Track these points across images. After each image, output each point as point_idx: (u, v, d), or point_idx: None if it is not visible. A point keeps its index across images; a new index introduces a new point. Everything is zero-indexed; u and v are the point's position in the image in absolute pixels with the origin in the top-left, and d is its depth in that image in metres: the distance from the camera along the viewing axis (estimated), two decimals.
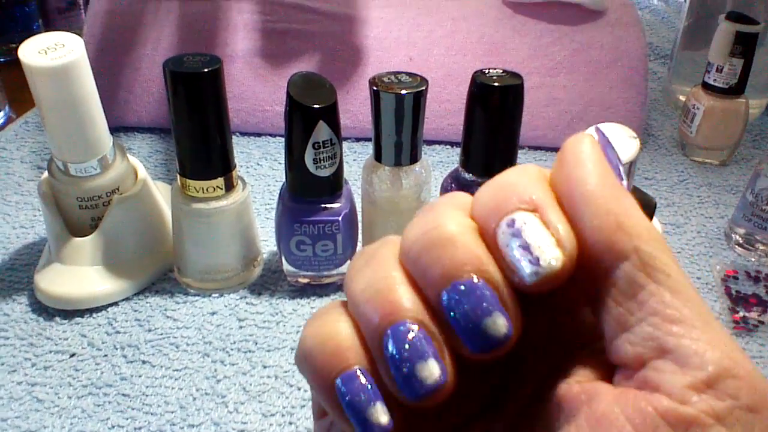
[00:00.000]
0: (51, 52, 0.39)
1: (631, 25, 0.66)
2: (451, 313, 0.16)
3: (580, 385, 0.17)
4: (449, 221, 0.17)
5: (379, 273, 0.18)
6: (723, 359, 0.15)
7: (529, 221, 0.16)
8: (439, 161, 0.64)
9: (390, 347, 0.17)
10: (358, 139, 0.66)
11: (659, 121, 0.73)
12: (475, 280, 0.16)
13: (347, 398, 0.17)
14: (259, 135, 0.67)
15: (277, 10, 0.66)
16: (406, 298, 0.17)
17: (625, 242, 0.16)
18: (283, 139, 0.67)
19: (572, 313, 0.19)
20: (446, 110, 0.64)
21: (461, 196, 0.18)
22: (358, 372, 0.17)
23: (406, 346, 0.16)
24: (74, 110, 0.41)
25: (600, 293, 0.16)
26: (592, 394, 0.16)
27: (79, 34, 0.91)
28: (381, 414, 0.17)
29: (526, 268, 0.16)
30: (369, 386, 0.17)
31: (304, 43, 0.66)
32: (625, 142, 0.36)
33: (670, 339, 0.15)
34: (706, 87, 0.62)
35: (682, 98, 0.76)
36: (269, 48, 0.66)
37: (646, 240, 0.16)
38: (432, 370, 0.16)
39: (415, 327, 0.17)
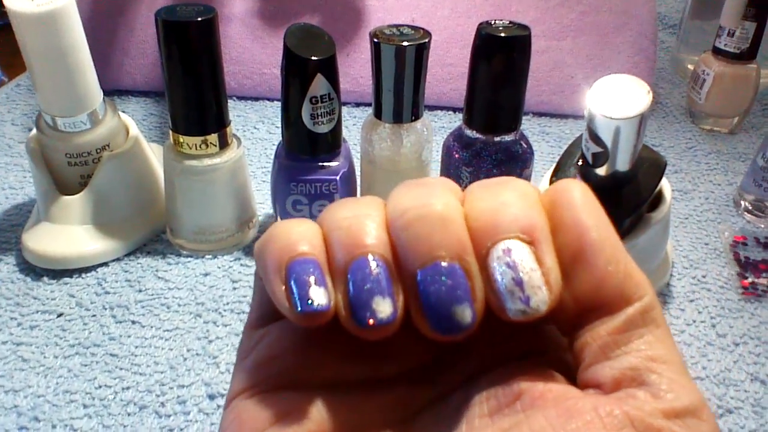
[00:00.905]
0: None
1: None
2: (424, 289, 0.17)
3: (545, 385, 0.17)
4: (444, 201, 0.17)
5: (364, 210, 0.18)
6: (694, 401, 0.16)
7: (526, 257, 0.17)
8: (441, 126, 0.62)
9: (353, 275, 0.17)
10: (358, 104, 0.65)
11: (667, 89, 0.71)
12: (457, 266, 0.17)
13: (294, 276, 0.17)
14: (256, 99, 0.65)
15: None
16: (381, 238, 0.17)
17: (632, 290, 0.17)
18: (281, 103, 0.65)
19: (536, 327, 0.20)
20: (449, 74, 0.63)
21: (454, 184, 0.19)
22: (314, 260, 0.17)
23: (368, 283, 0.17)
24: (62, 60, 0.39)
25: (591, 322, 0.17)
26: (561, 392, 0.17)
27: None
28: (321, 296, 0.17)
29: (514, 304, 0.17)
30: (319, 274, 0.17)
31: (303, 4, 0.64)
32: (637, 94, 0.34)
33: (651, 374, 0.16)
34: (717, 52, 0.60)
35: (691, 67, 0.74)
36: (267, 9, 0.64)
37: (649, 292, 0.17)
38: (385, 307, 0.17)
39: (383, 264, 0.17)
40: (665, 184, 0.40)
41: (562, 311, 0.17)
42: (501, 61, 0.37)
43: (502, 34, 0.37)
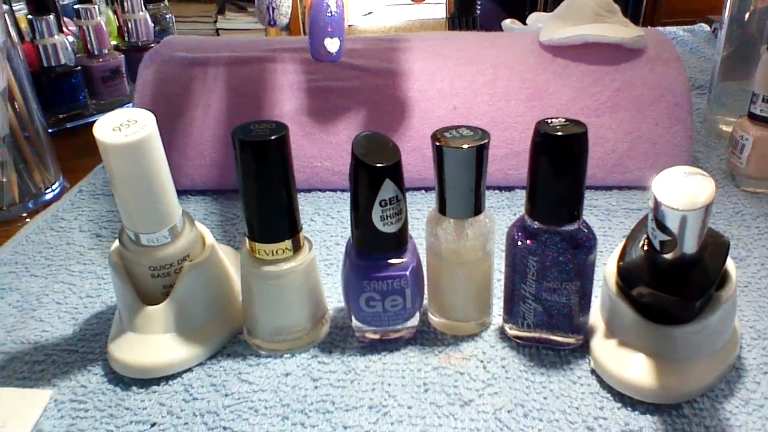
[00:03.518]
0: (125, 129, 0.40)
1: (671, 60, 0.66)
2: None
3: None
4: None
5: None
6: None
7: None
8: (490, 206, 0.64)
9: None
10: (407, 189, 0.67)
11: (704, 153, 0.72)
12: None
13: None
14: (309, 191, 0.68)
15: (321, 69, 0.68)
16: None
17: None
18: (333, 194, 0.68)
19: None
20: (493, 156, 0.65)
21: None
22: None
23: None
24: (147, 183, 0.42)
25: None
26: None
27: (123, 102, 0.94)
28: None
29: None
30: None
31: (348, 99, 0.67)
32: (700, 183, 0.36)
33: None
34: (753, 117, 0.62)
35: (725, 128, 0.76)
36: (315, 106, 0.67)
37: None
38: None
39: None
40: (730, 263, 0.41)
41: None
42: (560, 159, 0.39)
43: (560, 133, 0.39)
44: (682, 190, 0.36)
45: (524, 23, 1.16)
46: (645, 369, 0.41)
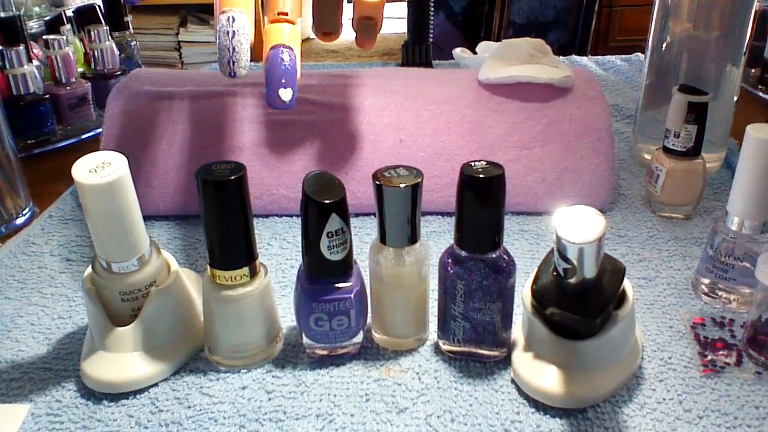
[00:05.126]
0: (100, 170, 0.45)
1: (596, 98, 0.73)
2: None
3: None
4: None
5: None
6: None
7: None
8: (432, 231, 0.70)
9: None
10: (357, 215, 0.73)
11: (628, 180, 0.80)
12: None
13: None
14: (266, 216, 0.73)
15: None
16: None
17: None
18: (289, 219, 0.73)
19: None
20: (436, 184, 0.71)
21: None
22: None
23: None
24: (119, 218, 0.47)
25: None
26: None
27: (89, 127, 0.98)
28: None
29: None
30: None
31: (304, 131, 0.73)
32: (593, 220, 0.42)
33: None
34: (666, 150, 0.70)
35: (647, 157, 0.83)
36: (273, 138, 0.73)
37: None
38: None
39: None
40: (627, 285, 0.48)
41: None
42: (481, 197, 0.46)
43: (481, 175, 0.45)
44: (579, 226, 0.42)
45: (475, 51, 1.23)
46: (556, 379, 0.47)
